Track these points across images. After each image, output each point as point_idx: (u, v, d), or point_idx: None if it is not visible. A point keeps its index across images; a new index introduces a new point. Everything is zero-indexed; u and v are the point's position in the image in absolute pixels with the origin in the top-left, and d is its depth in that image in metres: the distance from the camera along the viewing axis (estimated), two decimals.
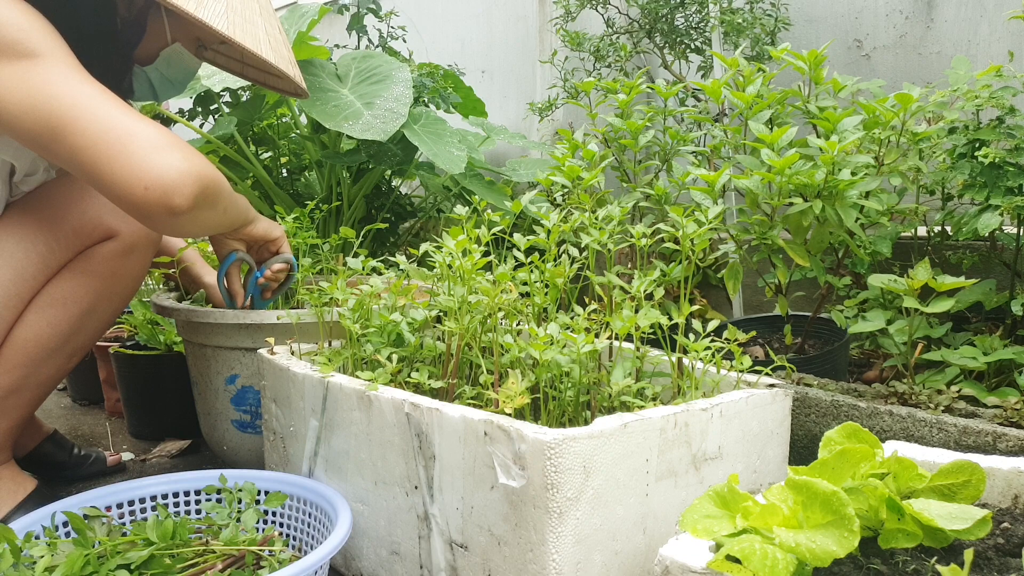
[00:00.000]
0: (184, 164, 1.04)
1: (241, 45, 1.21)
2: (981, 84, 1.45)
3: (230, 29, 1.20)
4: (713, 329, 1.03)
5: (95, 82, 1.09)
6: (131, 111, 1.07)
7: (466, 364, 1.17)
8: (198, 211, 1.07)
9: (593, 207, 1.26)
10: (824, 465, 0.74)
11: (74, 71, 1.07)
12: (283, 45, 1.35)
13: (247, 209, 1.33)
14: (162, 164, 1.02)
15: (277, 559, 1.03)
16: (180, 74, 1.36)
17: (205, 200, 1.08)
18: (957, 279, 1.33)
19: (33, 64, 1.06)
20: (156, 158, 1.03)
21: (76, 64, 1.09)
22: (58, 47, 1.08)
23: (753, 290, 2.21)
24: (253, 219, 1.35)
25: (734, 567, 0.63)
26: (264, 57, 1.25)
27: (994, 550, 0.72)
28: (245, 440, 1.51)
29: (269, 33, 1.29)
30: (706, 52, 2.37)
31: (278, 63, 1.28)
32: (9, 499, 1.32)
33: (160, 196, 1.03)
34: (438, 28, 3.54)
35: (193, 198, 1.05)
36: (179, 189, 1.03)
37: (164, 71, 1.34)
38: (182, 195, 1.04)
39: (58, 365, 1.32)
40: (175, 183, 1.03)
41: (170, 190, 1.03)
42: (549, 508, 0.84)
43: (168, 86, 1.37)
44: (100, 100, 1.06)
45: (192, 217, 1.07)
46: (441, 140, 2.01)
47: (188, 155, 1.06)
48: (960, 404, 1.25)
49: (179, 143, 1.07)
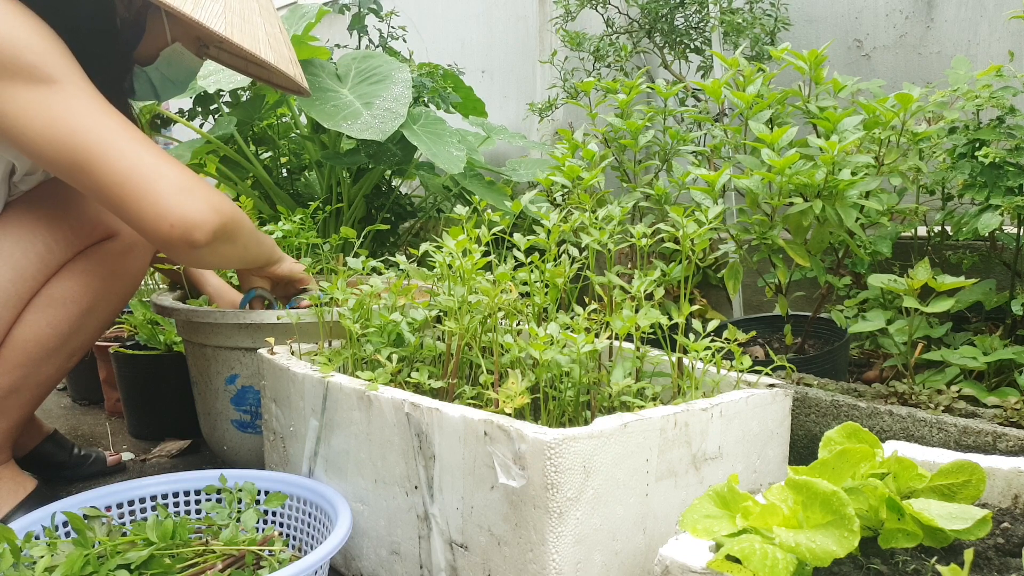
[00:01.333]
0: (205, 204, 1.12)
1: (239, 46, 1.21)
2: (981, 84, 1.45)
3: (228, 30, 1.19)
4: (713, 329, 1.03)
5: (115, 113, 1.13)
6: (152, 147, 1.14)
7: (466, 364, 1.17)
8: (217, 245, 1.15)
9: (593, 207, 1.26)
10: (824, 465, 0.74)
11: (94, 100, 1.12)
12: (283, 44, 1.35)
13: (272, 250, 1.41)
14: (186, 204, 1.11)
15: (277, 559, 1.03)
16: (181, 74, 1.36)
17: (224, 235, 1.16)
18: (957, 279, 1.33)
19: (51, 91, 1.09)
20: (181, 199, 1.11)
21: (94, 91, 1.13)
22: (74, 70, 1.12)
23: (753, 290, 2.21)
24: (278, 260, 1.43)
25: (734, 567, 0.63)
26: (263, 58, 1.24)
27: (994, 550, 0.72)
28: (245, 440, 1.51)
29: (269, 32, 1.29)
30: (706, 52, 2.37)
31: (278, 63, 1.28)
32: (9, 499, 1.32)
33: (183, 233, 1.11)
34: (438, 28, 3.54)
35: (213, 233, 1.13)
36: (201, 226, 1.12)
37: (165, 71, 1.34)
38: (202, 231, 1.12)
39: (58, 365, 1.32)
40: (197, 222, 1.11)
41: (192, 227, 1.11)
42: (549, 508, 0.84)
43: (169, 86, 1.38)
44: (124, 136, 1.11)
45: (211, 250, 1.15)
46: (440, 140, 2.01)
47: (209, 195, 1.14)
48: (960, 404, 1.25)
49: (201, 184, 1.14)
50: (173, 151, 2.12)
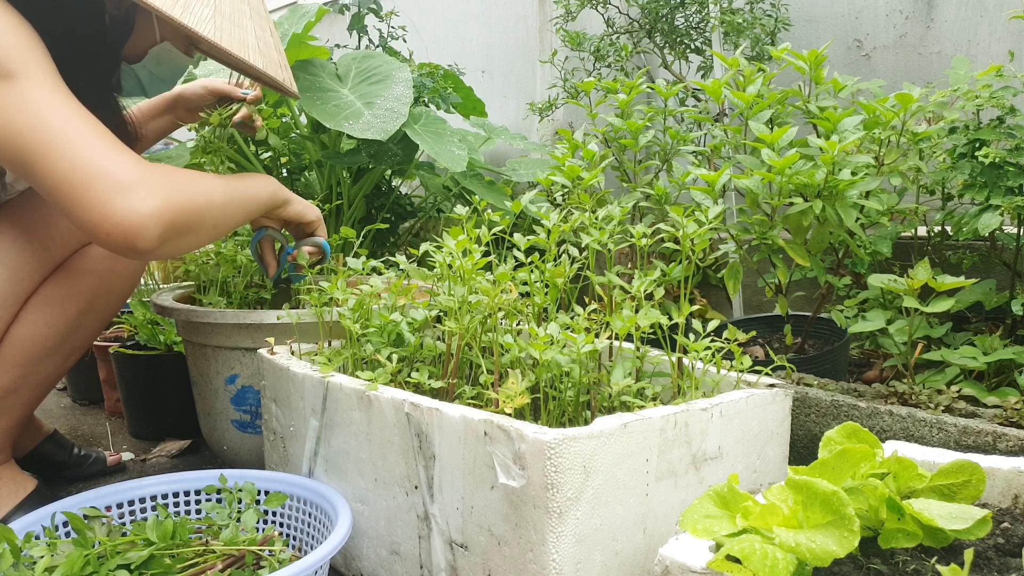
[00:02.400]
0: (145, 206, 1.02)
1: (228, 51, 1.18)
2: (981, 84, 1.45)
3: (216, 35, 1.17)
4: (713, 329, 1.03)
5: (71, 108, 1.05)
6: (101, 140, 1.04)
7: (466, 364, 1.17)
8: (170, 242, 1.06)
9: (593, 207, 1.26)
10: (824, 465, 0.74)
11: (50, 96, 1.04)
12: (273, 48, 1.33)
13: (271, 197, 1.30)
14: (123, 209, 1.01)
15: (277, 559, 1.03)
16: (170, 72, 1.35)
17: (176, 232, 1.06)
18: (957, 279, 1.33)
19: (7, 87, 1.02)
20: (118, 203, 1.01)
21: (54, 86, 1.05)
22: (35, 64, 1.05)
23: (753, 290, 2.21)
24: (282, 202, 1.33)
25: (734, 567, 0.63)
26: (252, 63, 1.23)
27: (994, 550, 0.72)
28: (245, 440, 1.51)
29: (259, 37, 1.28)
30: (706, 52, 2.37)
31: (266, 68, 1.27)
32: (9, 499, 1.32)
33: (122, 240, 1.02)
34: (438, 28, 3.54)
35: (158, 237, 1.03)
36: (141, 232, 1.02)
37: (153, 69, 1.33)
38: (145, 237, 1.02)
39: (56, 364, 1.32)
40: (136, 227, 1.01)
41: (132, 234, 1.01)
42: (549, 508, 0.84)
43: (157, 83, 1.36)
44: (71, 133, 1.02)
45: (165, 250, 1.07)
46: (442, 139, 2.01)
47: (154, 191, 1.03)
48: (960, 404, 1.25)
49: (145, 178, 1.03)
50: (173, 151, 2.11)
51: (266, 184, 1.30)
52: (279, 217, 1.36)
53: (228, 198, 1.18)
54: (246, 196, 1.24)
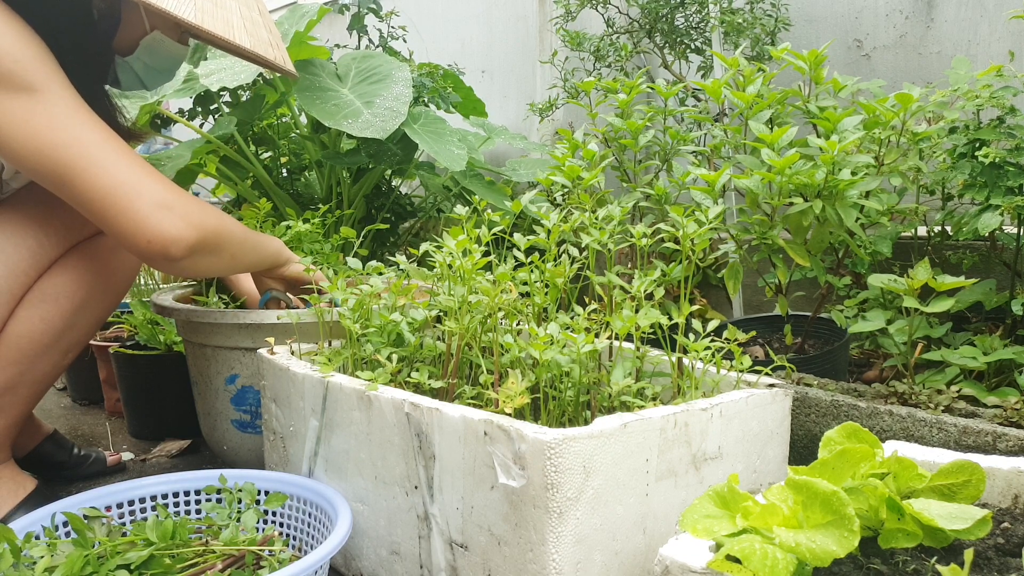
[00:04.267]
0: (183, 220, 1.15)
1: (211, 33, 1.18)
2: (981, 84, 1.45)
3: (198, 17, 1.17)
4: (713, 329, 1.03)
5: (97, 123, 1.14)
6: (133, 160, 1.15)
7: (466, 364, 1.17)
8: (197, 258, 1.19)
9: (593, 207, 1.26)
10: (824, 465, 0.74)
11: (76, 111, 1.12)
12: (262, 27, 1.32)
13: (276, 254, 1.41)
14: (163, 221, 1.14)
15: (277, 559, 1.03)
16: (165, 62, 1.33)
17: (205, 249, 1.19)
18: (957, 279, 1.33)
19: (33, 100, 1.09)
20: (159, 216, 1.14)
21: (76, 99, 1.13)
22: (55, 78, 1.12)
23: (753, 290, 2.21)
24: (285, 262, 1.43)
25: (734, 567, 0.63)
26: (239, 43, 1.22)
27: (994, 550, 0.72)
28: (245, 440, 1.51)
29: (245, 16, 1.26)
30: (706, 52, 2.37)
31: (255, 48, 1.25)
32: (9, 499, 1.32)
33: (160, 248, 1.14)
34: (438, 28, 3.54)
35: (190, 248, 1.16)
36: (177, 242, 1.15)
37: (147, 60, 1.31)
38: (179, 247, 1.15)
39: (53, 361, 1.32)
40: (173, 238, 1.14)
41: (168, 243, 1.14)
42: (549, 508, 0.84)
43: (155, 74, 1.35)
44: (106, 150, 1.13)
45: (191, 263, 1.19)
46: (441, 139, 2.01)
47: (189, 210, 1.17)
48: (960, 404, 1.25)
49: (181, 199, 1.17)
50: (173, 151, 2.11)
51: (273, 242, 1.42)
52: (282, 276, 1.45)
53: (246, 238, 1.31)
54: (259, 243, 1.37)
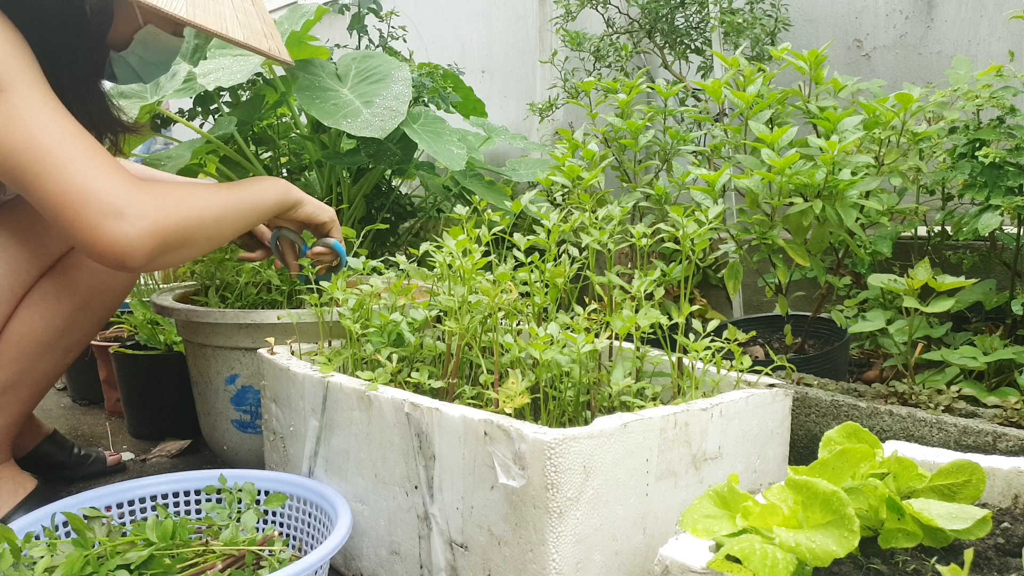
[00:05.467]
0: (134, 229, 1.06)
1: (202, 27, 1.16)
2: (981, 84, 1.45)
3: (190, 12, 1.15)
4: (713, 329, 1.03)
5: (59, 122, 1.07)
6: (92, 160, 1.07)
7: (466, 364, 1.17)
8: (160, 258, 1.10)
9: (593, 207, 1.26)
10: (824, 465, 0.74)
11: (41, 110, 1.06)
12: (256, 18, 1.30)
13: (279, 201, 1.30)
14: (112, 232, 1.05)
15: (277, 559, 1.03)
16: (160, 55, 1.31)
17: (165, 249, 1.10)
18: (957, 279, 1.33)
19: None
20: (108, 226, 1.05)
21: (44, 98, 1.08)
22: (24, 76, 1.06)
23: (753, 290, 2.21)
24: (293, 203, 1.33)
25: (734, 567, 0.63)
26: (231, 36, 1.20)
27: (994, 550, 0.72)
28: (245, 440, 1.51)
29: (238, 7, 1.24)
30: (706, 52, 2.37)
31: (248, 40, 1.23)
32: (9, 499, 1.32)
33: (113, 259, 1.06)
34: (438, 28, 3.54)
35: (147, 255, 1.07)
36: (131, 253, 1.06)
37: (142, 54, 1.29)
38: (135, 257, 1.06)
39: (54, 361, 1.32)
40: (126, 249, 1.06)
41: (122, 254, 1.06)
42: (549, 508, 0.84)
43: (151, 67, 1.33)
44: (59, 154, 1.05)
45: (157, 264, 1.11)
46: (441, 138, 2.01)
47: (144, 211, 1.07)
48: (960, 404, 1.25)
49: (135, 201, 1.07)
50: (173, 151, 2.11)
51: (273, 186, 1.30)
52: (291, 219, 1.36)
53: (225, 209, 1.20)
54: (247, 204, 1.25)
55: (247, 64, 2.01)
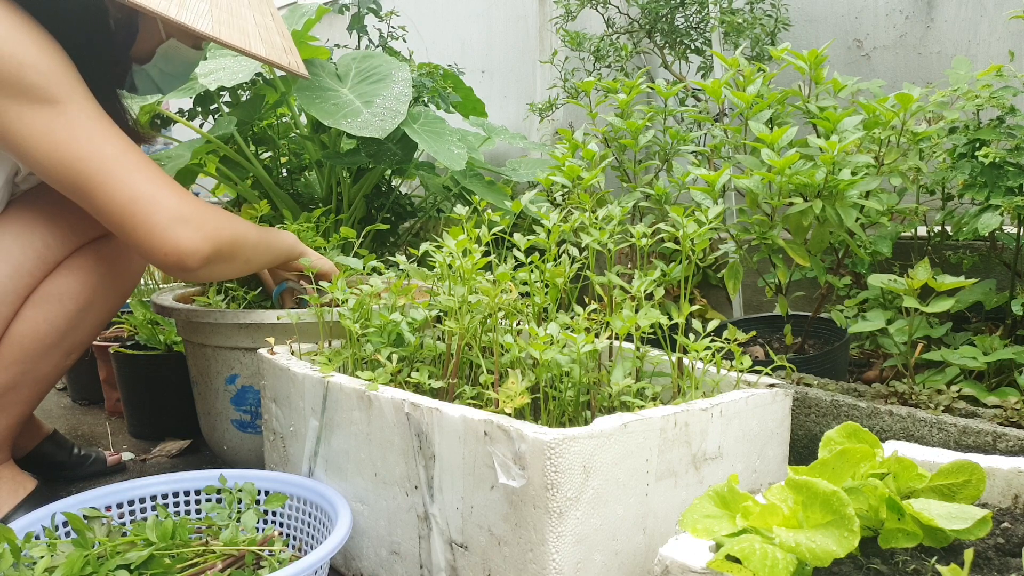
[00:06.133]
0: (199, 233, 1.19)
1: (228, 44, 1.22)
2: (981, 84, 1.45)
3: (215, 28, 1.20)
4: (713, 329, 1.03)
5: (117, 136, 1.17)
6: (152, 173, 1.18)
7: (466, 364, 1.17)
8: (212, 266, 1.23)
9: (593, 207, 1.26)
10: (824, 465, 0.74)
11: (97, 123, 1.15)
12: (276, 32, 1.35)
13: (290, 248, 1.44)
14: (180, 235, 1.17)
15: (277, 559, 1.03)
16: (181, 67, 1.37)
17: (220, 258, 1.23)
18: (957, 279, 1.33)
19: (55, 113, 1.11)
20: (176, 230, 1.17)
21: (98, 111, 1.16)
22: (77, 90, 1.14)
23: (753, 290, 2.21)
24: (299, 255, 1.45)
25: (734, 567, 0.63)
26: (255, 52, 1.25)
27: (994, 550, 0.72)
28: (245, 440, 1.51)
29: (259, 23, 1.29)
30: (706, 52, 2.37)
31: (269, 55, 1.29)
32: (9, 499, 1.32)
33: (176, 260, 1.18)
34: (438, 28, 3.54)
35: (206, 259, 1.20)
36: (193, 255, 1.19)
37: (163, 67, 1.34)
38: (195, 258, 1.19)
39: (56, 362, 1.32)
40: (189, 250, 1.18)
41: (184, 256, 1.18)
42: (549, 508, 0.84)
43: (171, 79, 1.39)
44: (125, 163, 1.16)
45: (207, 271, 1.23)
46: (441, 138, 2.01)
47: (205, 221, 1.20)
48: (960, 404, 1.25)
49: (198, 210, 1.20)
50: (173, 151, 2.11)
51: (287, 236, 1.45)
52: (296, 269, 1.48)
53: (259, 239, 1.34)
54: (271, 242, 1.39)
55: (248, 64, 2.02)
